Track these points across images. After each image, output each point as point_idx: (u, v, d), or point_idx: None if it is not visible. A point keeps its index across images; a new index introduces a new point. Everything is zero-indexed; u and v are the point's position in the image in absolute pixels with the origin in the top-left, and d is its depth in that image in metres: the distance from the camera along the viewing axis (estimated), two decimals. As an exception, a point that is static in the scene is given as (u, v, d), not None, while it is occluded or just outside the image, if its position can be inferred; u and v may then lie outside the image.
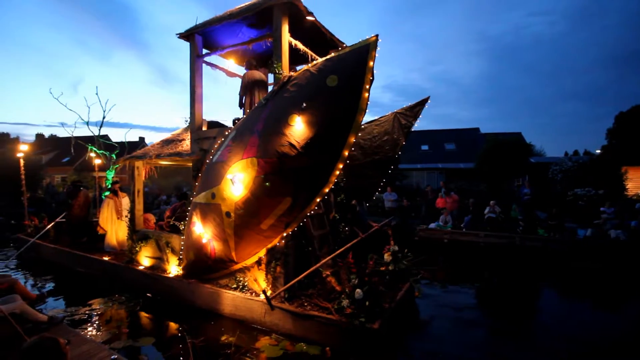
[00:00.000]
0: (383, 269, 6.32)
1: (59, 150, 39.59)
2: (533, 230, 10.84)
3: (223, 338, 4.95)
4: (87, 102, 10.90)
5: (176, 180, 24.87)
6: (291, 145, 4.78)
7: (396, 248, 6.50)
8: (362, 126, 7.51)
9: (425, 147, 29.11)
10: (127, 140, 12.01)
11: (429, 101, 6.91)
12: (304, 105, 4.75)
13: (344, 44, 6.99)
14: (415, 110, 7.00)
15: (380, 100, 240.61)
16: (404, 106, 7.15)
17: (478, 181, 18.66)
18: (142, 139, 40.59)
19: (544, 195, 14.50)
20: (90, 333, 5.18)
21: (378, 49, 4.56)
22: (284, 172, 4.86)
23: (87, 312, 5.99)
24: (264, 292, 5.01)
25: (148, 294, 6.65)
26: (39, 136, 49.08)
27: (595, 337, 5.32)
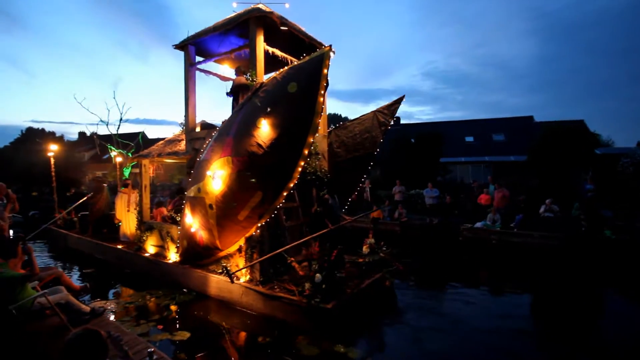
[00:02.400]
0: (360, 260, 6.84)
1: (100, 147, 42.05)
2: (598, 232, 9.44)
3: (260, 339, 4.90)
4: (107, 106, 11.93)
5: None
6: (259, 145, 5.39)
7: (373, 241, 6.99)
8: (345, 124, 8.01)
9: (470, 139, 26.15)
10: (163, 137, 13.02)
11: (403, 100, 7.30)
12: (269, 109, 5.34)
13: (322, 45, 7.47)
14: (392, 108, 7.43)
15: (420, 89, 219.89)
16: (383, 105, 7.58)
17: (531, 176, 16.36)
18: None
19: (610, 191, 12.92)
20: (128, 325, 5.26)
21: (332, 57, 5.07)
22: (254, 169, 5.47)
23: (126, 304, 6.23)
24: (226, 268, 5.69)
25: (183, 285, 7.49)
26: (82, 134, 52.17)
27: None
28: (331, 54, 5.09)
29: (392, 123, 7.42)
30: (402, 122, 32.13)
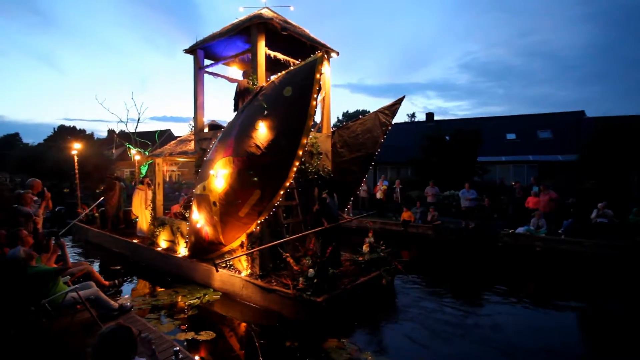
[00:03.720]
0: (360, 258, 7.04)
1: (121, 145, 43.59)
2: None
3: (287, 343, 4.81)
4: (126, 106, 12.50)
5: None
6: (257, 146, 5.69)
7: (372, 240, 7.18)
8: (348, 125, 8.21)
9: (512, 136, 23.87)
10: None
11: (404, 100, 7.44)
12: (266, 112, 5.63)
13: (324, 46, 7.68)
14: (393, 108, 7.57)
15: (457, 82, 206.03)
16: (384, 105, 7.73)
17: (582, 177, 14.62)
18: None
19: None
20: (154, 323, 5.24)
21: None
22: (253, 169, 5.77)
23: (152, 302, 6.25)
24: (213, 261, 6.19)
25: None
26: (111, 132, 54.22)
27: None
28: (329, 58, 5.31)
29: (393, 123, 7.55)
30: (435, 118, 30.28)
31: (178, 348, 3.44)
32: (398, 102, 7.56)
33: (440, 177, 15.60)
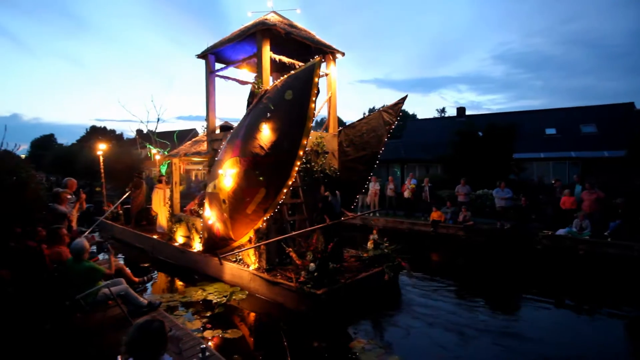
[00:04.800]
0: (365, 255, 7.27)
1: (141, 145, 44.99)
2: None
3: (315, 344, 4.84)
4: (146, 108, 13.08)
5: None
6: (261, 147, 6.01)
7: (376, 237, 7.39)
8: (353, 124, 8.43)
9: (551, 131, 22.31)
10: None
11: (406, 99, 7.59)
12: (269, 114, 5.95)
13: (330, 48, 7.92)
14: (396, 107, 7.74)
15: (491, 75, 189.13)
16: (388, 104, 7.91)
17: (632, 175, 13.14)
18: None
19: None
20: (182, 320, 5.32)
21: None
22: (258, 168, 6.11)
23: (180, 299, 6.40)
24: (217, 253, 6.64)
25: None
26: (139, 132, 56.08)
27: None
28: (335, 59, 5.57)
29: (396, 122, 7.71)
30: (467, 113, 28.73)
31: (205, 345, 3.54)
32: (401, 101, 7.73)
33: (473, 175, 14.64)
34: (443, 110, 55.79)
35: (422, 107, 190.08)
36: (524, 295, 6.94)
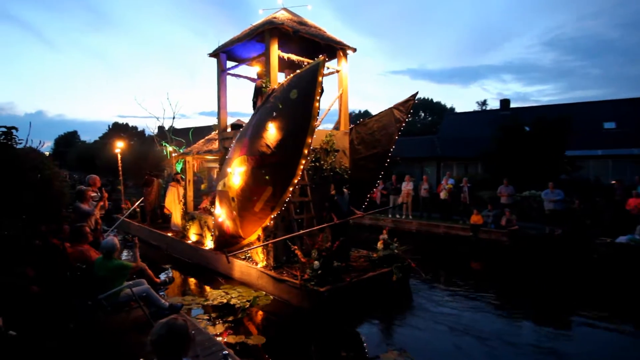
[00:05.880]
0: (375, 255, 7.22)
1: (158, 143, 45.74)
2: None
3: (343, 354, 4.71)
4: (162, 105, 13.28)
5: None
6: (267, 145, 6.05)
7: (386, 237, 7.32)
8: (364, 121, 8.35)
9: (610, 125, 20.03)
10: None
11: (417, 97, 7.48)
12: (275, 114, 5.96)
13: (340, 44, 7.85)
14: (407, 105, 7.61)
15: (539, 63, 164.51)
16: (399, 101, 7.80)
17: None
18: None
19: None
20: (204, 324, 5.21)
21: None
22: (264, 167, 6.14)
23: (202, 302, 6.27)
24: (225, 251, 6.68)
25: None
26: (160, 128, 57.07)
27: None
28: (346, 55, 5.58)
29: (407, 120, 7.59)
30: (512, 105, 26.47)
31: (227, 351, 3.43)
32: (412, 98, 7.60)
33: (518, 175, 13.56)
34: (484, 103, 49.95)
35: (461, 99, 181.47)
36: (576, 311, 6.23)
